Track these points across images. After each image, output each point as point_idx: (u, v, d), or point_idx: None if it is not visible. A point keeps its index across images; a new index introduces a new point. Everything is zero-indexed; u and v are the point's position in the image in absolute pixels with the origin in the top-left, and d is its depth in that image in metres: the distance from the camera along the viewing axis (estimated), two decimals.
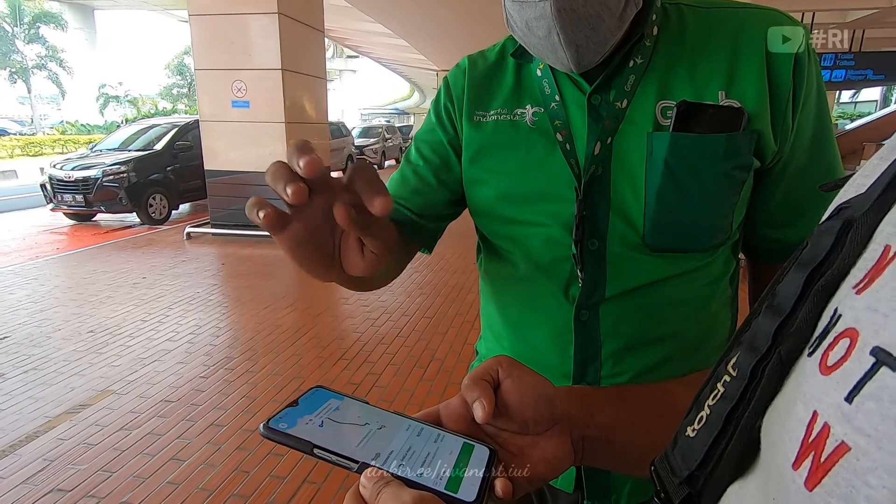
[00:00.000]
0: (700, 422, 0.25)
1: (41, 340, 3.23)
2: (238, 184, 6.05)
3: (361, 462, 0.31)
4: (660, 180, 0.54)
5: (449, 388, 2.68)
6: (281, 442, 0.32)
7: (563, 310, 0.61)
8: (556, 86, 0.60)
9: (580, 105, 0.59)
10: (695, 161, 0.53)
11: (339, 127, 12.66)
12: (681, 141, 0.53)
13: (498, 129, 0.63)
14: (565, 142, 0.58)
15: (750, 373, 0.21)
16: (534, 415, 0.37)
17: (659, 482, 0.28)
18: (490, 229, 0.66)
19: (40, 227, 7.03)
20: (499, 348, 0.69)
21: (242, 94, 5.77)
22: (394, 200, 0.65)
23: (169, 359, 3.00)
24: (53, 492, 1.91)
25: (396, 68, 25.80)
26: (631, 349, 0.60)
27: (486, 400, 0.35)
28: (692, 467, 0.24)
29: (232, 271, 4.88)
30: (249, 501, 1.86)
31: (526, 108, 0.62)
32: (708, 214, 0.55)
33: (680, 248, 0.57)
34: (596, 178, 0.57)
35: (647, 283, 0.58)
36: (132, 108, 30.27)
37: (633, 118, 0.56)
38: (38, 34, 27.34)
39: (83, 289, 4.27)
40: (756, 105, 0.53)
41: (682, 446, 0.26)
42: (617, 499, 0.63)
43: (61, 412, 2.44)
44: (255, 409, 2.47)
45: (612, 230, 0.57)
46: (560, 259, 0.59)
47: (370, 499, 0.29)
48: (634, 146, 0.56)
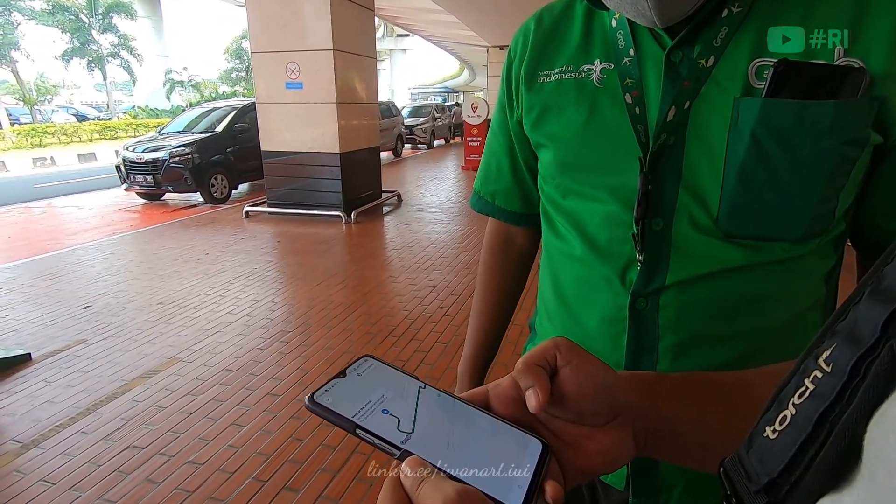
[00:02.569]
0: (783, 422, 0.22)
1: (118, 310, 3.51)
2: (293, 164, 6.23)
3: (405, 449, 0.29)
4: (744, 154, 0.47)
5: (495, 367, 2.67)
6: (324, 417, 0.30)
7: (618, 296, 0.56)
8: (633, 38, 0.53)
9: (657, 62, 0.51)
10: (790, 133, 0.45)
11: (388, 107, 12.71)
12: (775, 108, 0.45)
13: (560, 90, 0.57)
14: (634, 104, 0.52)
15: (850, 369, 0.18)
16: (593, 406, 0.33)
17: (730, 485, 0.25)
18: (551, 200, 0.62)
19: (116, 205, 7.57)
20: (551, 328, 0.66)
21: (296, 75, 5.89)
22: (493, 197, 0.74)
23: (230, 330, 3.17)
24: (129, 448, 2.08)
25: (446, 46, 25.46)
26: (693, 345, 0.54)
27: (540, 388, 0.32)
28: (773, 474, 0.21)
29: (287, 249, 5.07)
30: (303, 468, 1.95)
31: (594, 64, 0.56)
32: (802, 198, 0.47)
33: (761, 235, 0.50)
34: (666, 147, 0.50)
35: (717, 271, 0.51)
36: (195, 93, 31.72)
37: (719, 79, 0.49)
38: (111, 24, 29.03)
39: (153, 263, 4.58)
40: (884, 65, 0.44)
41: (759, 448, 0.23)
42: (667, 499, 0.58)
43: (136, 376, 2.65)
44: (307, 381, 2.57)
45: (681, 209, 0.51)
46: (618, 239, 0.54)
47: (411, 489, 0.27)
48: (716, 112, 0.49)
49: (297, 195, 6.30)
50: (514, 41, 0.64)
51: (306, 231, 5.72)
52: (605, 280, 0.56)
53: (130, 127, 21.87)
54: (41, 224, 6.44)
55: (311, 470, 1.94)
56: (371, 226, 5.97)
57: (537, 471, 0.30)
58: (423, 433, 0.30)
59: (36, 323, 3.31)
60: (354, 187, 6.35)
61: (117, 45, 29.79)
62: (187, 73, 33.27)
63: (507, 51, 0.66)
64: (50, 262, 4.63)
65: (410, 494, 0.27)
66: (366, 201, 6.59)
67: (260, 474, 1.92)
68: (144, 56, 30.78)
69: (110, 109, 32.81)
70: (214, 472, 1.93)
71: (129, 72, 30.92)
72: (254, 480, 1.89)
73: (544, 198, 0.63)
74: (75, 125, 20.52)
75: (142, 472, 1.94)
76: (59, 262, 4.65)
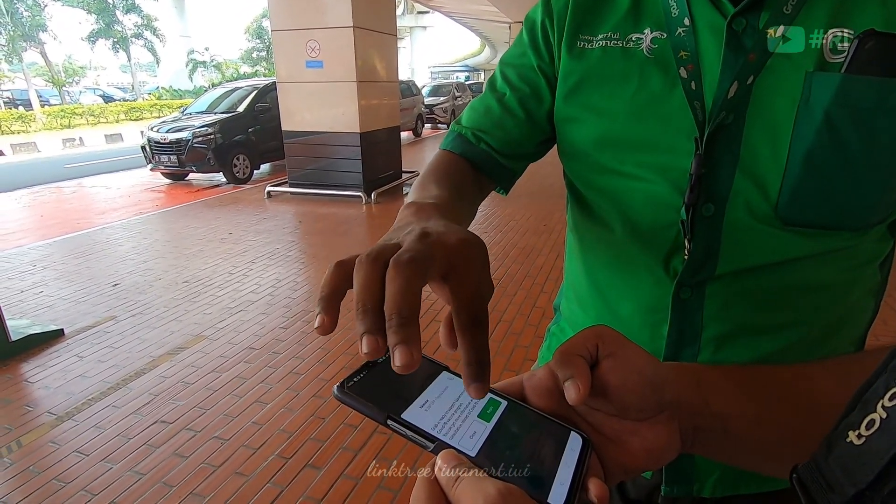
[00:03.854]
0: (871, 427, 0.20)
1: (145, 288, 3.59)
2: (313, 144, 6.23)
3: (439, 441, 0.27)
4: (814, 136, 0.42)
5: (516, 350, 2.66)
6: (354, 407, 0.29)
7: (660, 285, 0.52)
8: (688, 6, 0.48)
9: (717, 31, 0.47)
10: (871, 114, 0.41)
11: (409, 86, 12.58)
12: (857, 86, 0.41)
13: (605, 58, 0.52)
14: (690, 79, 0.47)
15: None
16: (637, 401, 0.31)
17: (805, 496, 0.23)
18: (582, 177, 0.56)
19: (142, 185, 7.72)
20: (582, 314, 0.62)
21: (316, 53, 5.84)
22: (473, 133, 0.59)
23: (253, 309, 3.22)
24: (158, 423, 2.14)
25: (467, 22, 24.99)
26: (738, 335, 0.51)
27: (581, 381, 0.29)
28: (861, 485, 0.19)
29: (309, 228, 5.10)
30: (325, 445, 1.98)
31: (644, 33, 0.51)
32: (873, 184, 0.43)
33: (824, 224, 0.45)
34: (724, 127, 0.46)
35: (772, 262, 0.47)
36: (217, 73, 31.96)
37: (789, 52, 0.44)
38: (134, 4, 29.31)
39: (178, 242, 4.66)
40: None
41: (842, 455, 0.21)
42: (700, 488, 0.55)
43: (163, 353, 2.72)
44: (329, 361, 2.60)
45: (736, 194, 0.46)
46: (664, 225, 0.50)
47: (447, 486, 0.25)
48: (784, 89, 0.44)
49: (318, 175, 6.32)
50: None
51: (327, 211, 5.75)
52: (646, 267, 0.53)
53: (155, 108, 22.24)
54: (71, 203, 6.62)
55: (332, 448, 1.97)
56: (392, 206, 5.96)
57: (578, 467, 0.28)
58: (458, 425, 0.29)
59: (68, 299, 3.41)
60: (375, 167, 6.33)
61: (141, 25, 30.11)
62: (209, 53, 33.50)
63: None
64: (80, 241, 4.76)
65: (447, 492, 0.25)
66: (386, 181, 6.57)
67: (283, 451, 1.96)
68: (167, 36, 31.11)
69: (135, 90, 33.36)
70: (239, 448, 1.98)
71: (153, 52, 31.31)
72: (277, 457, 1.93)
73: (571, 174, 0.58)
74: (102, 106, 20.98)
75: (170, 447, 1.99)
76: (88, 240, 4.78)
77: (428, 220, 0.35)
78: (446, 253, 0.29)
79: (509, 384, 0.33)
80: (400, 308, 0.26)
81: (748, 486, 0.55)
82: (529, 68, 0.58)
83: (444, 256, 0.29)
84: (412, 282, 0.26)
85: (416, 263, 0.27)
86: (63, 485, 1.81)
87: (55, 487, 1.81)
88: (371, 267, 0.28)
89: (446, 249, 0.29)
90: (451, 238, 0.30)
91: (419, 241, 0.29)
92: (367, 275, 0.27)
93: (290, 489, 1.78)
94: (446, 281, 0.29)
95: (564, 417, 0.31)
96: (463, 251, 0.30)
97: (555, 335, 0.71)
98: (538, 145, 0.61)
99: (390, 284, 0.26)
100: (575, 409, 0.32)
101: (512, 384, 0.33)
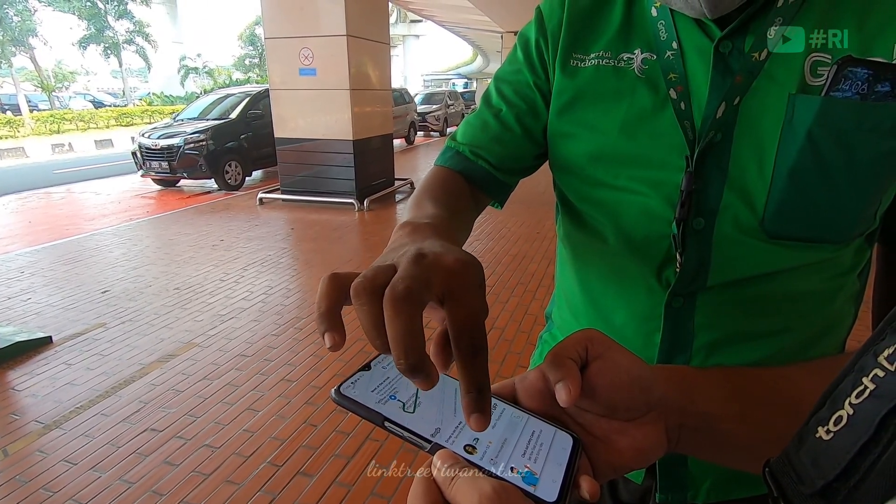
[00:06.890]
0: (839, 422, 0.21)
1: (135, 295, 3.56)
2: (306, 151, 6.23)
3: (435, 442, 0.28)
4: (797, 155, 0.45)
5: (508, 356, 2.67)
6: (352, 410, 0.30)
7: (653, 294, 0.54)
8: (675, 30, 0.50)
9: (704, 54, 0.49)
10: (850, 134, 0.43)
11: (401, 94, 12.63)
12: (836, 108, 0.43)
13: (598, 76, 0.54)
14: (680, 99, 0.49)
15: None
16: (626, 401, 0.32)
17: (777, 487, 0.24)
18: (575, 190, 0.58)
19: (133, 191, 7.66)
20: (574, 323, 0.64)
21: (310, 61, 5.86)
22: (471, 150, 0.61)
23: (244, 316, 3.20)
24: (148, 430, 2.12)
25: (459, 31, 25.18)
26: (728, 343, 0.53)
27: (571, 382, 0.30)
28: (829, 477, 0.20)
29: (301, 235, 5.09)
30: (317, 453, 1.97)
31: (634, 53, 0.53)
32: (854, 200, 0.45)
33: (807, 238, 0.48)
34: (713, 145, 0.48)
35: (760, 273, 0.50)
36: (209, 80, 31.86)
37: (773, 74, 0.46)
38: (125, 10, 29.18)
39: (169, 249, 4.63)
40: None
41: (812, 449, 0.22)
42: (694, 495, 0.57)
43: (153, 360, 2.69)
44: (322, 367, 2.59)
45: (725, 209, 0.48)
46: (656, 236, 0.52)
47: (443, 484, 0.26)
48: (769, 109, 0.46)
49: (311, 182, 6.31)
50: (548, 4, 0.59)
51: (320, 218, 5.74)
52: (640, 277, 0.54)
53: (146, 113, 22.09)
54: (61, 209, 6.56)
55: (325, 455, 1.96)
56: (384, 213, 5.97)
57: (570, 465, 0.29)
58: (453, 426, 0.30)
59: (56, 306, 3.37)
60: (367, 175, 6.34)
61: (132, 31, 29.97)
62: (201, 59, 33.43)
63: (538, 10, 0.60)
64: (69, 247, 4.71)
65: (444, 491, 0.26)
66: (379, 189, 6.58)
67: (275, 459, 1.95)
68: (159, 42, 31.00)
69: (126, 96, 33.12)
70: (230, 456, 1.96)
71: (145, 58, 31.15)
72: (269, 465, 1.91)
73: (564, 187, 0.60)
74: (92, 112, 20.80)
75: (160, 455, 1.98)
76: (78, 246, 4.73)
77: (424, 240, 0.35)
78: (443, 275, 0.28)
79: (502, 387, 0.35)
80: (407, 353, 0.25)
81: (741, 490, 0.57)
82: (525, 85, 0.59)
83: (441, 279, 0.28)
84: (414, 320, 0.26)
85: (413, 297, 0.26)
86: (51, 494, 1.79)
87: (43, 497, 1.78)
88: (373, 305, 0.27)
89: (443, 272, 0.29)
90: (447, 259, 0.29)
91: (415, 265, 0.28)
92: (371, 314, 0.27)
93: (281, 497, 1.77)
94: (443, 304, 0.28)
95: (555, 418, 0.33)
96: (460, 273, 0.29)
97: (546, 342, 0.72)
98: (535, 159, 0.62)
99: (390, 326, 0.26)
100: (566, 411, 0.33)
101: (504, 386, 0.35)
